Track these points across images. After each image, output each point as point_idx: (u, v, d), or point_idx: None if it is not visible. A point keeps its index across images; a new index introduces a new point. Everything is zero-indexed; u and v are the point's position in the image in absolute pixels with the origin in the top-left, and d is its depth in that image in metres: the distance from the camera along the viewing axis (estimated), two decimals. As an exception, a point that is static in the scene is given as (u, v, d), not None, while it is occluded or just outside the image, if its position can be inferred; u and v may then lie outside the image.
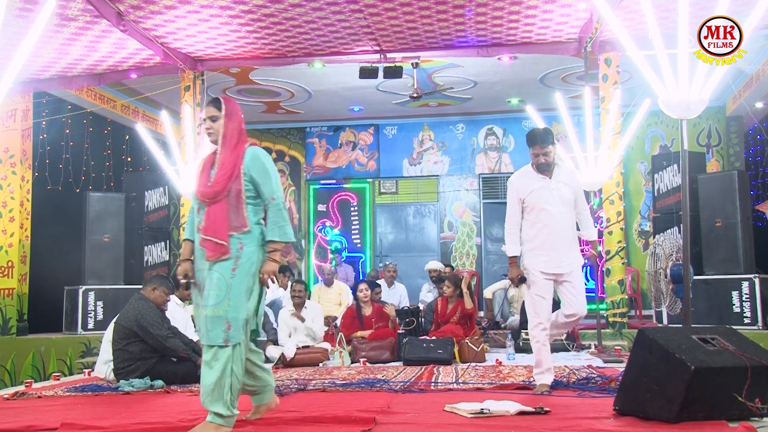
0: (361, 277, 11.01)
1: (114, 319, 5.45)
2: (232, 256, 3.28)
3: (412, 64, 8.55)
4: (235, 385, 3.23)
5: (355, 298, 7.43)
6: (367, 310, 7.26)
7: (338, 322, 7.59)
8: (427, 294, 8.96)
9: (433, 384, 4.86)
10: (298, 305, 6.86)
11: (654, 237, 8.30)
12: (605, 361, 5.99)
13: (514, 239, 4.45)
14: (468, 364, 6.23)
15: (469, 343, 6.56)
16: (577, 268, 4.38)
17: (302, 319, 6.77)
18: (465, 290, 7.05)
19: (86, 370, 6.25)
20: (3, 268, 8.07)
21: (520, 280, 4.41)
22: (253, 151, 3.42)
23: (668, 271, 6.48)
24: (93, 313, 8.02)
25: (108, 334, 5.49)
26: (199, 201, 3.40)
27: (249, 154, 3.40)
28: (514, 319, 7.79)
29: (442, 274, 8.47)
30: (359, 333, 7.07)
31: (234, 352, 3.22)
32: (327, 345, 6.82)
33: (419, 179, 12.06)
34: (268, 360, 6.70)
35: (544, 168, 4.38)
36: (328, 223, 12.11)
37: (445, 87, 10.22)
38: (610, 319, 7.71)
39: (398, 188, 12.10)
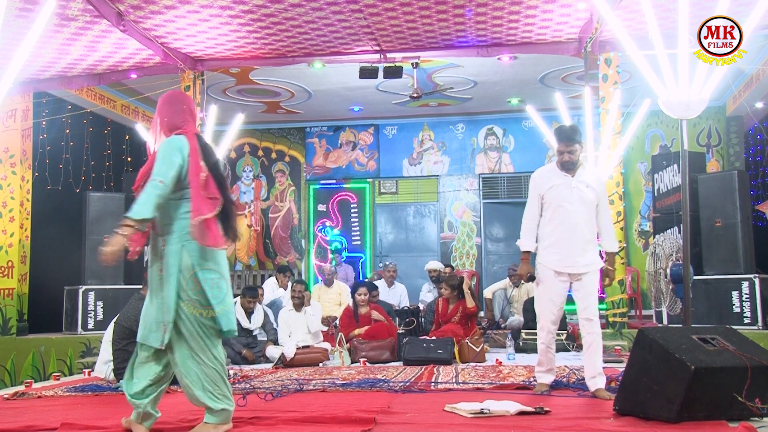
0: (361, 278, 11.01)
1: (114, 319, 5.44)
2: (158, 256, 3.16)
3: (412, 64, 8.54)
4: (213, 376, 3.13)
5: (353, 299, 7.43)
6: (364, 310, 7.25)
7: (338, 322, 7.59)
8: (427, 294, 8.96)
9: (433, 384, 4.86)
10: (298, 305, 6.86)
11: (654, 237, 8.30)
12: (605, 361, 5.97)
13: (528, 234, 4.39)
14: (468, 364, 6.23)
15: (469, 343, 6.56)
16: (592, 271, 4.28)
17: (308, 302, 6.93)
18: (466, 290, 7.04)
19: (86, 370, 6.26)
20: (3, 268, 8.07)
21: (530, 278, 4.37)
22: (163, 142, 3.22)
23: (668, 271, 6.50)
24: (93, 313, 8.02)
25: (108, 334, 5.48)
26: None
27: (159, 147, 3.19)
28: (515, 319, 7.78)
29: (442, 275, 8.47)
30: (356, 331, 7.06)
31: (187, 351, 3.13)
32: (327, 345, 6.83)
33: (419, 179, 12.06)
34: (268, 360, 6.72)
35: (569, 166, 4.32)
36: (328, 223, 12.11)
37: (445, 87, 10.21)
38: (610, 319, 7.70)
39: (398, 188, 12.10)
